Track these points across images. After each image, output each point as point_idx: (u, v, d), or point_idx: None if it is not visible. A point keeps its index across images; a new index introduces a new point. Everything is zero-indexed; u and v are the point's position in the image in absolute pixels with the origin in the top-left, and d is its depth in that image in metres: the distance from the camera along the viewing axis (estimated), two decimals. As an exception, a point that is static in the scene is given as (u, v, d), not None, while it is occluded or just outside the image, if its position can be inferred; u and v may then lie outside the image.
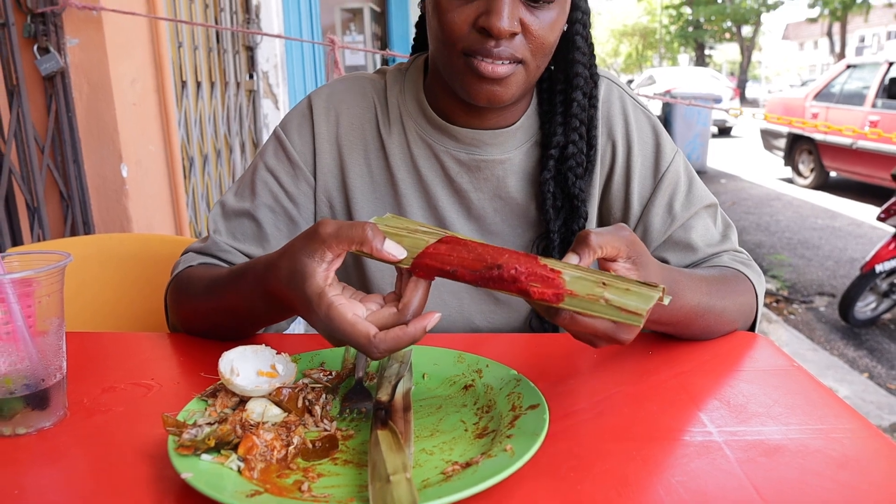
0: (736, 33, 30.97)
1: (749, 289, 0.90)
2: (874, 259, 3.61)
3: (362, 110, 0.97)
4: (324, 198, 0.98)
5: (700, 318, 0.81)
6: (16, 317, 0.67)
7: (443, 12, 0.80)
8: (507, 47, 0.79)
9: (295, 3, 4.11)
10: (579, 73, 0.91)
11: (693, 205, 0.95)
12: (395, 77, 0.98)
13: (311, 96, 0.99)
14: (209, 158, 3.00)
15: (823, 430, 0.63)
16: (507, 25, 0.76)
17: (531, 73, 0.84)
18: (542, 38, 0.80)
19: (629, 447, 0.60)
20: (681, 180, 0.96)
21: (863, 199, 7.32)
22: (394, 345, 0.62)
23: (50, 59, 1.90)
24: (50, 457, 0.64)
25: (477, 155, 0.94)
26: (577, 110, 0.91)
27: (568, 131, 0.91)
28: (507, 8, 0.76)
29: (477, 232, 0.97)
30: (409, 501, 0.47)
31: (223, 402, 0.64)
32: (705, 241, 0.95)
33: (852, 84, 7.43)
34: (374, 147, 0.97)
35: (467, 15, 0.79)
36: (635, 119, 0.96)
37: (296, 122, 0.98)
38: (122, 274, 1.30)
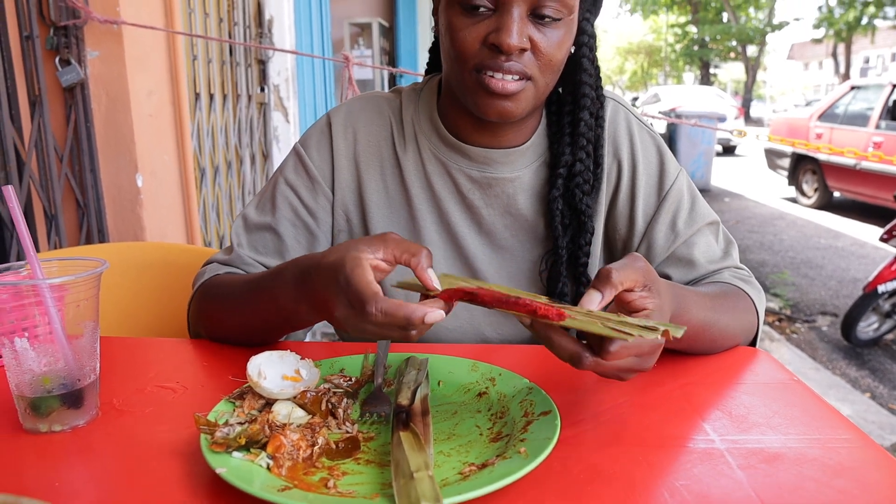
0: (741, 53, 31.14)
1: (750, 306, 0.93)
2: (877, 279, 3.64)
3: (379, 128, 1.01)
4: (341, 212, 1.02)
5: (705, 332, 0.84)
6: (53, 320, 0.70)
7: (455, 30, 0.85)
8: (516, 62, 0.83)
9: (307, 17, 4.18)
10: (586, 94, 0.94)
11: (696, 222, 0.99)
12: (410, 97, 1.02)
13: (329, 114, 1.03)
14: (220, 170, 3.05)
15: (820, 440, 0.66)
16: (516, 41, 0.81)
17: (540, 90, 0.87)
18: (549, 55, 0.84)
19: (636, 452, 0.64)
20: (684, 198, 0.99)
21: (866, 219, 7.35)
22: (390, 311, 0.64)
23: (71, 71, 1.95)
24: (84, 453, 0.67)
25: (488, 173, 0.97)
26: (584, 130, 0.95)
27: (575, 150, 0.95)
28: (517, 25, 0.81)
29: (487, 247, 1.00)
30: (433, 496, 0.50)
31: (250, 404, 0.68)
32: (707, 257, 0.98)
33: (856, 105, 7.48)
34: (390, 164, 1.01)
35: (478, 32, 0.83)
36: (640, 139, 1.00)
37: (315, 138, 1.02)
38: (141, 281, 1.34)
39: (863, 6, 24.99)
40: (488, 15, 0.83)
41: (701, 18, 31.56)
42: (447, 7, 0.86)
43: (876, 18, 25.19)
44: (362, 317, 0.66)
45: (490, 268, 1.00)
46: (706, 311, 0.83)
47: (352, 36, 7.70)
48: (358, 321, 0.67)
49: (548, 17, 0.82)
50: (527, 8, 0.81)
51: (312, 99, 4.28)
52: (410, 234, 1.00)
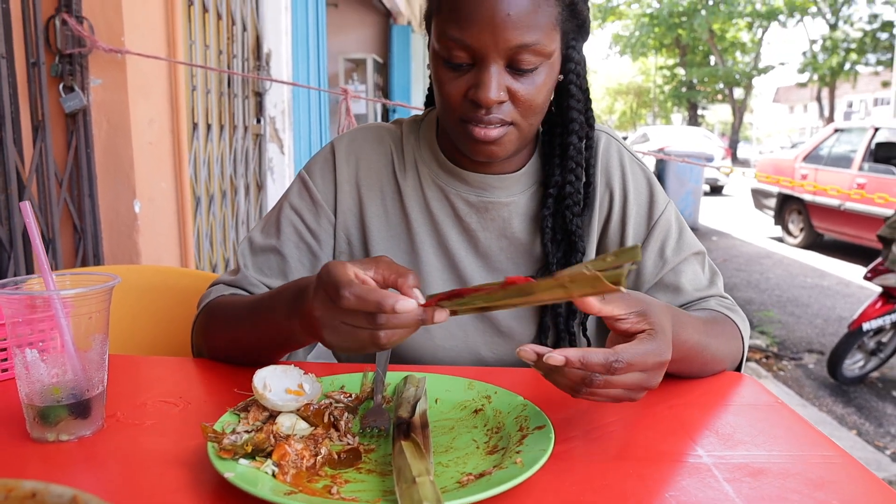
0: (728, 95, 31.76)
1: (736, 332, 0.97)
2: (861, 317, 3.69)
3: (380, 156, 1.06)
4: (343, 234, 1.06)
5: (699, 355, 0.87)
6: (64, 331, 0.73)
7: (440, 84, 0.90)
8: (496, 114, 0.87)
9: (304, 52, 4.27)
10: (574, 118, 0.97)
11: (683, 251, 1.03)
12: (411, 128, 1.07)
13: (333, 142, 1.08)
14: (215, 198, 3.08)
15: (803, 457, 0.69)
16: (493, 96, 0.85)
17: (523, 132, 0.92)
18: (529, 101, 0.88)
19: (627, 466, 0.66)
20: (672, 228, 1.03)
21: (851, 258, 7.45)
22: (362, 294, 0.65)
23: (74, 98, 1.99)
24: (90, 462, 0.69)
25: (485, 197, 1.01)
26: (574, 153, 0.98)
27: (565, 172, 0.99)
28: (494, 80, 0.85)
29: (484, 269, 1.04)
30: (434, 499, 0.53)
31: (255, 416, 0.70)
32: (693, 285, 1.02)
33: (840, 147, 7.64)
34: (390, 189, 1.05)
35: (460, 87, 0.88)
36: (632, 171, 1.04)
37: (319, 165, 1.06)
38: (140, 304, 1.36)
39: (845, 52, 25.66)
40: (468, 69, 0.87)
41: (689, 61, 32.24)
42: (434, 59, 0.91)
43: (858, 64, 25.83)
44: (336, 304, 0.66)
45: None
46: (700, 334, 0.86)
47: (347, 71, 7.83)
48: (333, 313, 0.68)
49: (524, 69, 0.86)
50: (503, 62, 0.85)
51: (307, 131, 4.34)
52: (409, 256, 1.04)
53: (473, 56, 0.86)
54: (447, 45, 0.86)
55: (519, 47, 0.84)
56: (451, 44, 0.86)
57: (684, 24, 29.34)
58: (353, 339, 0.68)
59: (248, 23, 3.53)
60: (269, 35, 3.76)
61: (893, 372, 4.09)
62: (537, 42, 0.84)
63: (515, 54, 0.84)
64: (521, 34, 0.83)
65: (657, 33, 30.92)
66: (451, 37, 0.85)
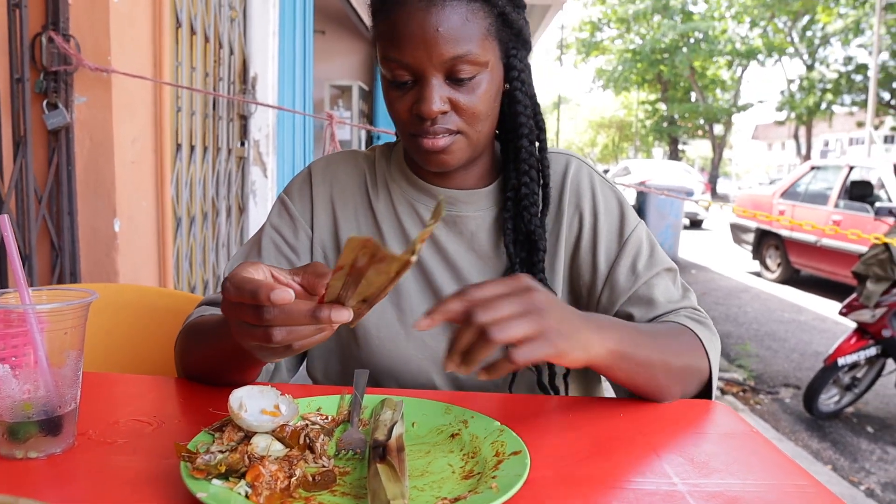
0: (708, 131, 32.33)
1: (697, 345, 0.94)
2: (837, 352, 3.73)
3: (353, 177, 1.11)
4: (319, 248, 1.10)
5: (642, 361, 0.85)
6: (38, 347, 0.72)
7: (390, 104, 0.96)
8: (441, 124, 0.93)
9: (290, 77, 4.29)
10: (523, 123, 1.01)
11: (655, 266, 1.04)
12: (384, 152, 1.14)
13: (310, 166, 1.14)
14: (196, 220, 3.06)
15: (777, 485, 0.69)
16: (435, 108, 0.90)
17: (472, 140, 0.96)
18: (471, 109, 0.93)
19: (600, 493, 0.66)
20: (643, 245, 1.05)
21: (827, 294, 7.55)
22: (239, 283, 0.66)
23: (57, 115, 1.99)
24: (60, 480, 0.67)
25: (453, 211, 1.06)
26: (526, 155, 1.01)
27: (520, 175, 1.02)
28: (435, 93, 0.90)
29: (454, 281, 1.06)
30: None
31: (229, 436, 0.69)
32: (666, 297, 1.03)
33: (817, 185, 7.79)
34: (364, 207, 1.10)
35: (406, 104, 0.94)
36: (602, 192, 1.07)
37: (297, 186, 1.12)
38: (116, 322, 1.34)
39: (822, 92, 26.27)
40: (412, 86, 0.93)
41: (670, 97, 32.84)
42: (383, 81, 0.97)
43: (833, 104, 26.45)
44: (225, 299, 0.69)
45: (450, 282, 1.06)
46: (641, 335, 0.86)
47: (332, 97, 7.87)
48: (226, 309, 0.70)
49: (463, 78, 0.91)
50: (442, 75, 0.90)
51: (291, 156, 4.35)
52: None
53: (413, 73, 0.91)
54: (389, 67, 0.92)
55: (453, 59, 0.89)
56: (393, 65, 0.91)
57: (666, 60, 29.94)
58: (251, 337, 0.67)
59: (235, 46, 3.54)
60: (255, 59, 3.78)
61: (868, 407, 4.12)
62: (469, 52, 0.89)
63: (451, 66, 0.89)
64: (453, 47, 0.88)
65: (640, 69, 31.50)
66: (391, 58, 0.91)
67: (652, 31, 30.36)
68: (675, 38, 28.75)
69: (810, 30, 26.55)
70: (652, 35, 30.03)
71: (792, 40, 27.39)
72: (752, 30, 28.94)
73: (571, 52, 35.25)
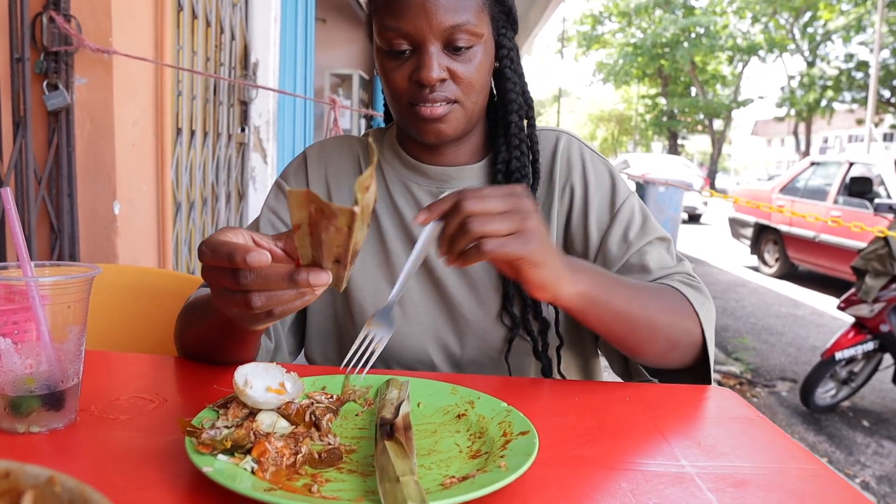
0: (708, 126, 32.28)
1: (685, 305, 0.94)
2: (834, 346, 3.73)
3: (347, 160, 1.14)
4: None
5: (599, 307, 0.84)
6: (40, 321, 0.71)
7: (386, 74, 0.97)
8: (440, 92, 0.94)
9: (291, 64, 4.27)
10: (513, 99, 1.04)
11: (647, 234, 1.04)
12: (376, 135, 1.16)
13: (305, 151, 1.16)
14: (195, 205, 3.05)
15: (785, 469, 0.69)
16: (435, 74, 0.92)
17: (468, 110, 0.98)
18: (468, 79, 0.95)
19: (610, 474, 0.66)
20: (635, 214, 1.05)
21: (825, 290, 7.56)
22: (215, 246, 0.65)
23: (58, 96, 1.97)
24: (62, 454, 0.67)
25: (445, 188, 1.07)
26: (516, 130, 1.04)
27: (510, 149, 1.04)
28: (434, 60, 0.92)
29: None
30: (419, 498, 0.52)
31: (234, 413, 0.68)
32: (660, 264, 1.02)
33: (816, 180, 7.79)
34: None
35: (404, 73, 0.95)
36: (592, 165, 1.08)
37: (293, 170, 1.15)
38: (115, 302, 1.33)
39: (822, 89, 26.22)
40: (410, 56, 0.94)
41: (670, 91, 32.76)
42: (377, 53, 0.98)
43: (834, 101, 26.42)
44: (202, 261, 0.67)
45: (451, 276, 1.05)
46: (618, 286, 0.87)
47: (332, 86, 7.83)
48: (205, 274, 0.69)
49: (461, 47, 0.93)
50: (440, 44, 0.93)
51: (292, 142, 4.33)
52: (378, 250, 1.08)
53: (412, 42, 0.93)
54: (387, 37, 0.93)
55: (452, 28, 0.91)
56: (391, 34, 0.93)
57: (667, 55, 29.85)
58: (231, 303, 0.66)
59: (237, 32, 3.52)
60: (257, 45, 3.76)
61: (864, 402, 4.13)
62: (468, 22, 0.92)
63: (450, 35, 0.92)
64: (453, 15, 0.91)
65: (640, 63, 31.41)
66: (390, 27, 0.92)
67: (653, 26, 30.27)
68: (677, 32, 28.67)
69: (812, 26, 26.48)
70: (653, 29, 29.94)
71: (793, 36, 27.32)
72: (753, 25, 28.86)
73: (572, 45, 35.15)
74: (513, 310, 1.02)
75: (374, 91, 8.46)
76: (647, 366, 0.98)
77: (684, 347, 0.94)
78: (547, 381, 0.95)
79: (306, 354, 1.14)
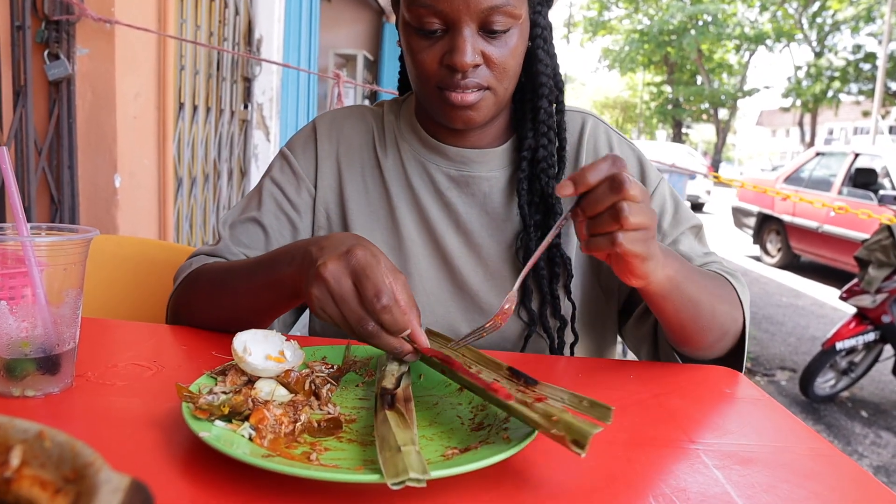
0: (713, 115, 32.14)
1: (734, 299, 0.93)
2: (835, 336, 3.72)
3: (361, 133, 1.07)
4: (322, 209, 1.06)
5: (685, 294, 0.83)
6: (36, 282, 0.69)
7: (414, 53, 0.90)
8: (472, 78, 0.88)
9: (296, 41, 4.23)
10: (543, 83, 0.98)
11: (681, 224, 1.02)
12: (392, 107, 1.09)
13: (315, 120, 1.09)
14: (197, 181, 3.03)
15: (790, 448, 0.68)
16: (469, 59, 0.86)
17: (499, 96, 0.92)
18: (503, 64, 0.89)
19: (615, 449, 0.64)
20: (667, 203, 1.03)
21: (826, 280, 7.54)
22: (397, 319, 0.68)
23: (59, 66, 1.94)
24: (56, 419, 0.66)
25: (465, 172, 1.02)
26: (545, 116, 0.98)
27: (538, 136, 0.99)
28: (468, 44, 0.85)
29: (464, 244, 1.02)
30: (420, 469, 0.50)
31: (233, 380, 0.67)
32: (695, 254, 1.01)
33: (820, 171, 7.74)
34: (371, 165, 1.05)
35: (435, 54, 0.88)
36: (620, 150, 1.04)
37: (301, 142, 1.08)
38: (116, 274, 1.32)
39: (829, 80, 26.07)
40: (442, 36, 0.87)
41: (676, 79, 32.58)
42: (404, 29, 0.91)
43: (840, 93, 26.26)
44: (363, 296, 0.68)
45: (467, 264, 1.02)
46: (694, 273, 0.85)
47: (337, 66, 7.77)
48: (349, 300, 0.69)
49: (497, 30, 0.86)
50: (476, 26, 0.86)
51: (295, 120, 4.30)
52: (390, 232, 1.03)
53: (446, 21, 0.86)
54: (418, 14, 0.86)
55: (490, 9, 0.84)
56: (423, 11, 0.86)
57: (673, 42, 29.65)
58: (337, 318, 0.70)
59: (241, 7, 3.48)
60: (261, 21, 3.72)
61: (863, 392, 4.13)
62: (507, 3, 0.85)
63: (487, 16, 0.85)
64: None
65: (646, 50, 31.20)
66: (423, 3, 0.85)
67: (660, 12, 30.04)
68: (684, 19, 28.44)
69: (821, 16, 26.28)
70: (660, 16, 29.71)
71: (801, 26, 27.12)
72: (761, 14, 28.64)
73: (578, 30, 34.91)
74: (530, 305, 1.00)
75: (378, 72, 8.41)
76: (690, 356, 0.95)
77: (731, 337, 0.93)
78: (552, 358, 0.94)
79: (310, 327, 1.12)
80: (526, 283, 1.00)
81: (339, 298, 0.69)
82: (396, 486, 0.50)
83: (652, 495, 0.56)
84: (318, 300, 0.70)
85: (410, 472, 0.50)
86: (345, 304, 0.69)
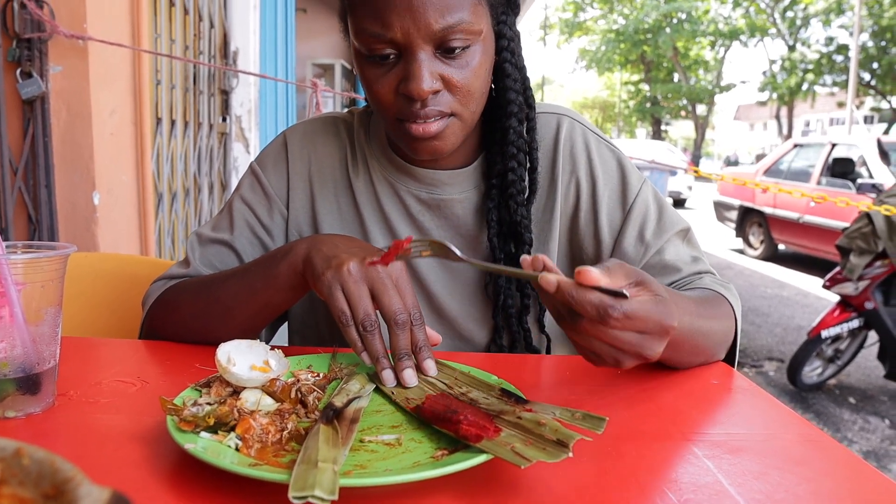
0: (691, 111, 32.42)
1: (729, 312, 0.88)
2: (820, 325, 3.75)
3: (333, 150, 1.01)
4: (295, 231, 1.02)
5: (689, 339, 0.78)
6: (13, 301, 0.68)
7: (368, 82, 0.83)
8: (433, 106, 0.80)
9: (272, 53, 4.22)
10: (512, 99, 0.90)
11: (665, 231, 0.96)
12: (362, 120, 1.02)
13: (286, 134, 1.03)
14: (178, 196, 3.01)
15: (780, 435, 0.68)
16: (427, 86, 0.78)
17: (466, 121, 0.85)
18: (466, 87, 0.81)
19: (604, 443, 0.64)
20: (650, 209, 0.97)
21: (809, 271, 7.61)
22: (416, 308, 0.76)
23: (32, 84, 1.92)
24: (40, 439, 0.64)
25: (436, 194, 0.96)
26: (514, 137, 0.91)
27: (506, 159, 0.91)
28: (424, 69, 0.78)
29: (437, 268, 0.98)
30: (329, 488, 0.48)
31: (217, 392, 0.66)
32: (683, 261, 0.95)
33: (799, 162, 7.82)
34: (343, 186, 1.01)
35: (390, 83, 0.81)
36: (598, 154, 0.97)
37: (271, 158, 1.02)
38: (95, 290, 1.30)
39: (803, 73, 26.38)
40: (396, 62, 0.80)
41: (653, 77, 32.85)
42: (356, 58, 0.84)
43: (815, 85, 26.58)
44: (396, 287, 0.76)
45: (444, 290, 0.99)
46: (692, 316, 0.76)
47: (315, 76, 7.77)
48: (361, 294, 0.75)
49: (455, 48, 0.79)
50: (431, 48, 0.78)
51: (274, 131, 4.28)
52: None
53: (397, 46, 0.78)
54: (367, 42, 0.79)
55: (445, 29, 0.77)
56: (371, 39, 0.78)
57: (649, 41, 29.90)
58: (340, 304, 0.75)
59: (216, 20, 3.47)
60: (236, 33, 3.70)
61: (850, 379, 4.17)
62: (462, 21, 0.77)
63: (443, 37, 0.77)
64: (444, 15, 0.76)
65: (623, 49, 31.44)
66: (370, 32, 0.78)
67: (635, 12, 30.29)
68: (659, 18, 28.71)
69: (792, 10, 26.62)
70: (635, 15, 29.96)
71: (774, 21, 27.44)
72: (734, 10, 28.95)
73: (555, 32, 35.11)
74: (501, 342, 0.97)
75: (356, 82, 8.40)
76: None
77: (725, 348, 0.89)
78: (537, 357, 0.94)
79: (290, 341, 1.10)
80: (495, 319, 0.96)
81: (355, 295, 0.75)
82: (297, 499, 0.47)
83: (643, 488, 0.56)
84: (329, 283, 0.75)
85: (316, 488, 0.48)
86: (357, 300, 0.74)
